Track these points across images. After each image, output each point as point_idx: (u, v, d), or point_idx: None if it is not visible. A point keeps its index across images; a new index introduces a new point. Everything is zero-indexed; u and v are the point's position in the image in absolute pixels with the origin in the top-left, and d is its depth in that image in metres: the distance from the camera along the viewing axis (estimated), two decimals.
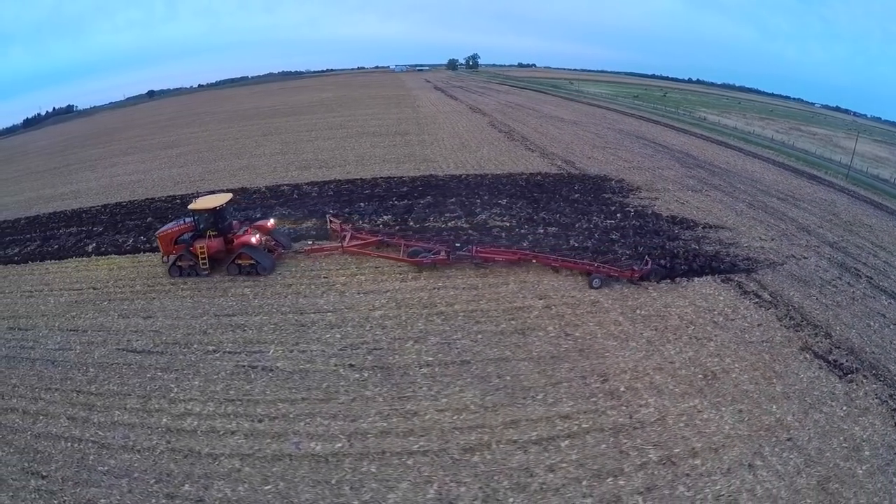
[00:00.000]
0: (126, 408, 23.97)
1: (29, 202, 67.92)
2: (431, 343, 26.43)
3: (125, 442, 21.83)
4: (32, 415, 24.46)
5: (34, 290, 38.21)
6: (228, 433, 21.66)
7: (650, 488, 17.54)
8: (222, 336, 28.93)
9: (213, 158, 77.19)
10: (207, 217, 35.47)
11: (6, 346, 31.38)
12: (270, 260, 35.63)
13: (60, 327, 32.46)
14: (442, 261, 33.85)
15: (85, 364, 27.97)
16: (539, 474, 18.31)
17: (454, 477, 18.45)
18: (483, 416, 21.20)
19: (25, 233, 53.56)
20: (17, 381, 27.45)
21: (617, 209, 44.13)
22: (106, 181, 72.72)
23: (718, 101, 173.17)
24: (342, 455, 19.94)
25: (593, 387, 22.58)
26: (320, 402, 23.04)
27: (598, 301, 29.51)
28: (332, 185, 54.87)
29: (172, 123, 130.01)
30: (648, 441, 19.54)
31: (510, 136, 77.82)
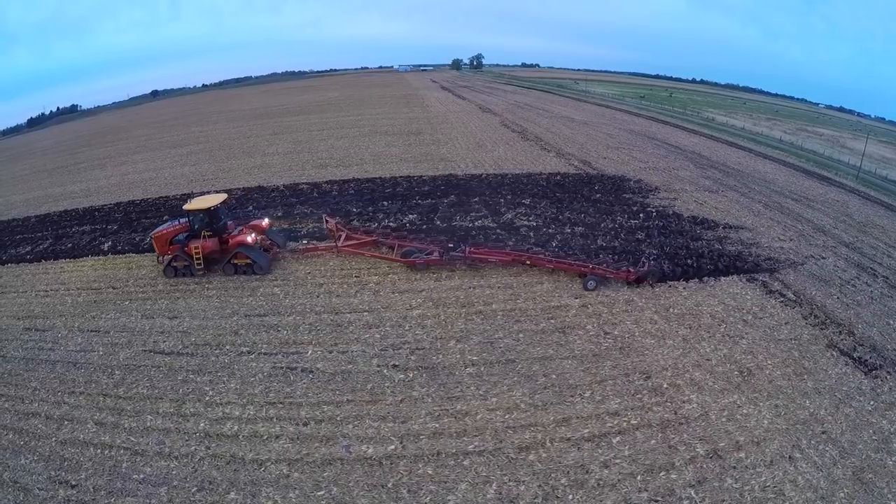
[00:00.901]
0: (158, 412, 23.35)
1: (38, 200, 67.81)
2: (474, 342, 26.18)
3: (160, 448, 21.19)
4: (56, 420, 23.77)
5: (49, 290, 37.89)
6: (273, 437, 21.16)
7: (701, 481, 17.83)
8: (255, 337, 28.42)
9: (224, 157, 77.09)
10: (202, 217, 35.60)
11: (23, 348, 30.75)
12: (266, 259, 35.89)
13: (80, 328, 31.89)
14: (435, 261, 33.93)
15: (110, 366, 27.35)
16: (595, 471, 18.37)
17: (512, 476, 18.37)
18: (534, 415, 21.13)
19: (36, 231, 53.36)
20: (37, 384, 26.81)
21: (639, 209, 44.22)
22: (116, 179, 72.64)
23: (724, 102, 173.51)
24: (396, 458, 19.60)
25: (637, 384, 22.70)
26: (367, 403, 22.65)
27: (633, 300, 29.59)
28: (353, 184, 54.72)
29: (179, 123, 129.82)
30: (694, 436, 19.79)
31: (523, 135, 77.88)
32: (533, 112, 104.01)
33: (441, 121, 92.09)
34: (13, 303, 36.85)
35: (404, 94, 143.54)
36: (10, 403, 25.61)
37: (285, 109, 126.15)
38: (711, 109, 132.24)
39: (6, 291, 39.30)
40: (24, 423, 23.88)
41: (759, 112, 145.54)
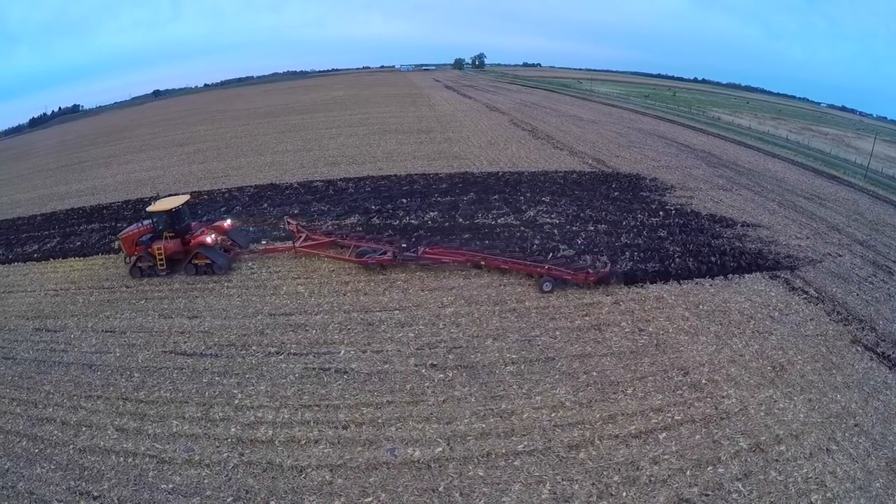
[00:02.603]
0: (184, 417, 22.59)
1: (43, 199, 67.76)
2: (511, 340, 25.78)
3: (189, 455, 20.35)
4: (73, 426, 22.92)
5: (59, 289, 37.45)
6: (311, 442, 20.44)
7: (747, 474, 17.97)
8: (283, 336, 27.79)
9: (233, 155, 76.94)
10: (165, 219, 36.03)
11: (34, 349, 29.97)
12: (226, 259, 36.35)
13: (94, 328, 31.21)
14: (388, 261, 33.90)
15: (128, 368, 26.59)
16: (645, 467, 18.34)
17: (564, 475, 18.17)
18: (580, 413, 20.99)
19: (43, 229, 53.18)
20: (50, 387, 26.02)
21: (658, 207, 44.26)
22: (123, 178, 72.49)
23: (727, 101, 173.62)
24: (444, 460, 19.14)
25: (676, 380, 22.71)
26: (408, 404, 22.11)
27: (662, 297, 29.57)
28: (368, 182, 54.61)
29: (183, 122, 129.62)
30: (736, 430, 19.92)
31: (534, 134, 77.84)
32: (540, 111, 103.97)
33: (450, 119, 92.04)
34: (21, 302, 36.48)
35: (409, 94, 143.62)
36: (22, 408, 24.90)
37: (290, 108, 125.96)
38: (716, 109, 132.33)
39: (14, 291, 38.98)
40: (39, 430, 23.11)
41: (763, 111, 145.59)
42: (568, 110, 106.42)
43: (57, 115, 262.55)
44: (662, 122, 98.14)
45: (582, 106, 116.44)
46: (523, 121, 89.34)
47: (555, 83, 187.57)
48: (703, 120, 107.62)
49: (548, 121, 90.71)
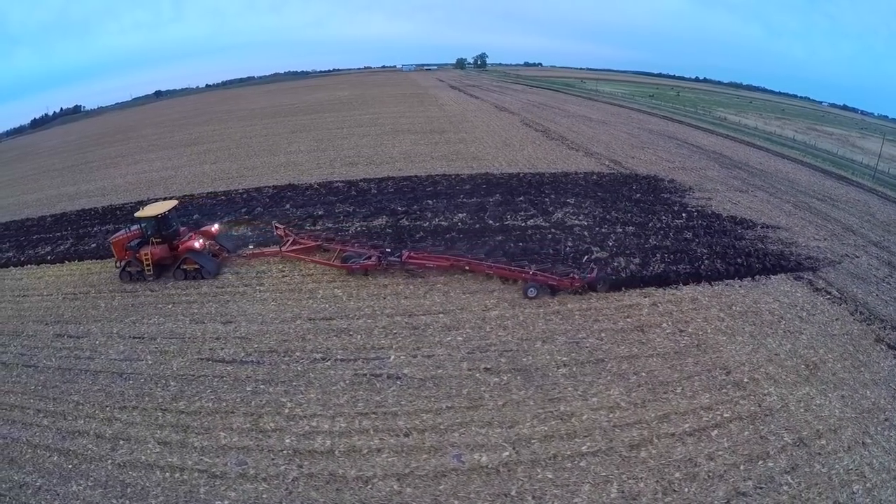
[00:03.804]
0: (232, 428, 21.92)
1: (51, 200, 67.78)
2: (560, 343, 25.93)
3: (243, 469, 19.75)
4: (109, 439, 22.15)
5: (78, 293, 37.01)
6: (374, 451, 20.06)
7: (794, 468, 18.65)
8: (326, 342, 27.35)
9: (245, 155, 77.07)
10: (153, 224, 36.37)
11: (56, 356, 29.28)
12: (214, 264, 36.88)
13: (120, 334, 30.63)
14: (372, 266, 34.04)
15: (163, 377, 25.95)
16: (703, 463, 18.85)
17: (629, 474, 18.53)
18: (635, 413, 21.33)
19: (55, 231, 52.99)
20: (79, 397, 25.28)
21: (680, 209, 44.66)
22: (133, 178, 72.56)
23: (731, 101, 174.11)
24: (513, 464, 19.07)
25: (720, 379, 23.22)
26: (468, 409, 21.93)
27: (696, 298, 30.06)
28: (390, 182, 54.65)
29: (188, 122, 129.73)
30: (780, 426, 20.57)
31: (547, 134, 78.02)
32: (549, 111, 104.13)
33: (461, 120, 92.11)
34: (39, 307, 36.05)
35: (415, 93, 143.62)
36: (49, 420, 24.20)
37: (297, 108, 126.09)
38: (721, 109, 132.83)
39: (29, 294, 38.64)
40: (70, 444, 22.31)
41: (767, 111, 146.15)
42: (576, 111, 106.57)
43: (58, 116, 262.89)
44: (670, 122, 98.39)
45: (589, 106, 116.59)
46: (534, 121, 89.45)
47: (558, 83, 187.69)
48: (710, 120, 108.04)
49: (558, 121, 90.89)
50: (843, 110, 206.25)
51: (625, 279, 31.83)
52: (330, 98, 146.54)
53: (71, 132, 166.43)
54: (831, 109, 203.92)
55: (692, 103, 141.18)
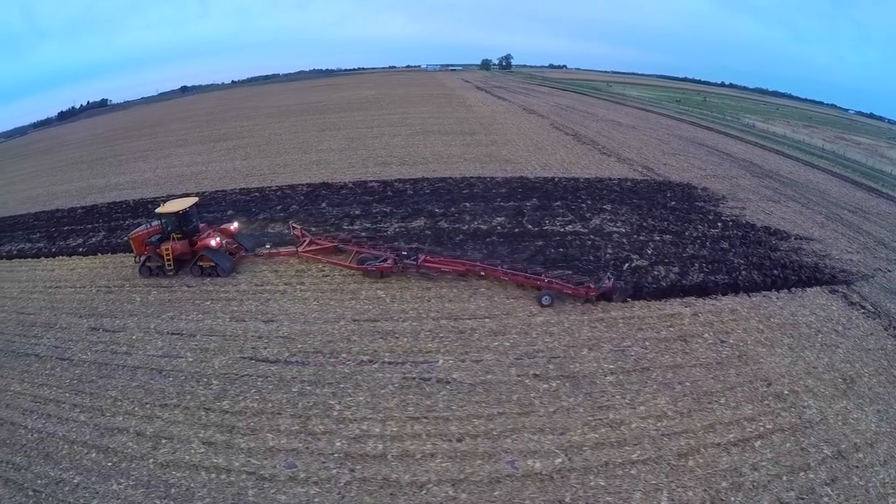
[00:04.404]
0: (280, 430, 21.80)
1: (81, 191, 68.57)
2: (606, 350, 26.07)
3: (293, 472, 19.65)
4: (150, 437, 22.06)
5: (112, 286, 37.28)
6: (427, 456, 20.04)
7: (833, 480, 19.07)
8: (372, 344, 27.27)
9: (275, 152, 77.24)
10: (173, 220, 37.11)
11: (92, 350, 29.38)
12: (230, 262, 37.30)
13: (158, 329, 30.65)
14: (387, 268, 34.14)
15: (204, 375, 25.88)
16: (747, 473, 19.23)
17: (678, 482, 18.88)
18: (682, 422, 21.64)
19: (86, 223, 53.59)
20: (116, 393, 25.24)
21: (715, 218, 44.69)
22: (163, 172, 73.06)
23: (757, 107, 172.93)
24: (566, 471, 19.23)
25: (761, 391, 23.53)
26: (519, 415, 21.92)
27: (736, 309, 30.27)
28: (426, 184, 54.58)
29: (215, 118, 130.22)
30: (819, 438, 20.97)
31: (578, 139, 77.77)
32: (578, 115, 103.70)
33: (490, 122, 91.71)
34: (72, 299, 36.44)
35: (442, 94, 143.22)
36: (86, 416, 24.17)
37: (325, 107, 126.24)
38: (749, 115, 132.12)
39: (62, 286, 39.02)
40: (109, 441, 22.26)
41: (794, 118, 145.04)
42: (605, 114, 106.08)
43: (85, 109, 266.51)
44: (699, 128, 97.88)
45: (617, 110, 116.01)
46: (564, 125, 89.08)
47: (584, 86, 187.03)
48: (739, 127, 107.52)
49: (588, 125, 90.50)
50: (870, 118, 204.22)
51: (665, 288, 32.10)
52: (357, 97, 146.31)
53: (98, 125, 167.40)
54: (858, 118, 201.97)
55: (719, 109, 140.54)
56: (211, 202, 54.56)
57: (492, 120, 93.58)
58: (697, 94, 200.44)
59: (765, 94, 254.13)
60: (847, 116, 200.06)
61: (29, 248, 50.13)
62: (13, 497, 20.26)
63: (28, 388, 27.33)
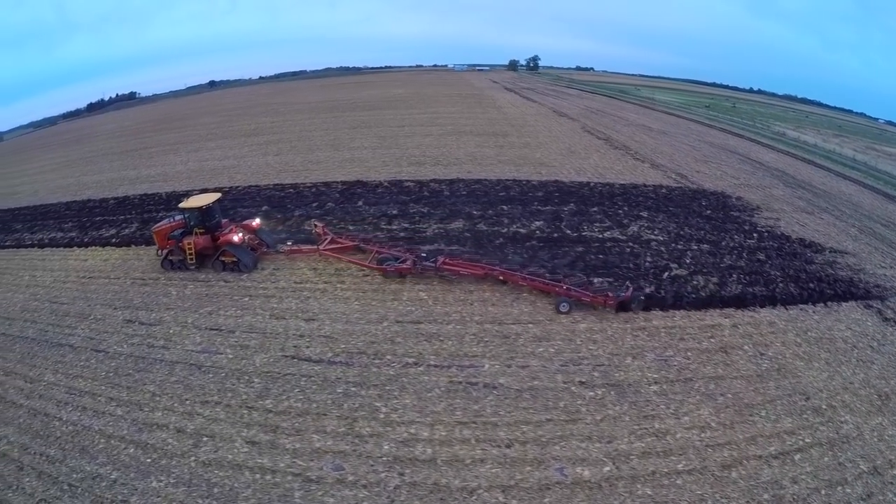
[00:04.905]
0: (326, 431, 21.69)
1: (112, 183, 69.86)
2: (649, 360, 26.14)
3: (340, 475, 19.56)
4: (191, 435, 22.07)
5: (147, 278, 37.81)
6: (477, 462, 19.98)
7: (869, 495, 19.35)
8: (417, 346, 27.27)
9: (308, 148, 77.72)
10: (196, 215, 37.76)
11: (128, 343, 29.56)
12: (252, 258, 38.13)
13: (196, 324, 30.78)
14: (406, 269, 34.40)
15: (246, 373, 25.85)
16: (787, 486, 19.47)
17: (721, 493, 19.11)
18: (725, 433, 21.85)
19: (118, 214, 54.48)
20: (154, 388, 25.32)
21: (750, 228, 44.62)
22: (195, 165, 73.99)
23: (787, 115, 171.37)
24: (614, 479, 19.27)
25: (800, 405, 23.72)
26: (566, 423, 21.93)
27: (774, 322, 30.43)
28: (461, 185, 54.40)
29: (245, 112, 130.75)
30: (856, 454, 21.16)
31: (610, 143, 77.44)
32: (608, 118, 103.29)
33: (521, 123, 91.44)
34: (106, 290, 36.99)
35: (471, 94, 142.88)
36: (123, 410, 24.25)
37: (354, 104, 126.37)
38: (779, 123, 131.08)
39: (95, 276, 39.69)
40: (148, 436, 22.25)
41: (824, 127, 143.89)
42: (635, 119, 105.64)
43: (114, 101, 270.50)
44: (730, 135, 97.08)
45: (647, 115, 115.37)
46: (595, 129, 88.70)
47: (612, 89, 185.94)
48: (769, 135, 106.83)
49: (619, 130, 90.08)
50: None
51: (705, 299, 32.34)
52: (386, 95, 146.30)
53: (127, 117, 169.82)
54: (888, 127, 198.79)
55: (749, 116, 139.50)
56: (245, 197, 55.32)
57: (523, 122, 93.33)
58: (726, 99, 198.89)
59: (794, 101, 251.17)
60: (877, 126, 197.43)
61: (61, 237, 51.30)
62: (47, 490, 20.40)
63: (62, 378, 27.74)
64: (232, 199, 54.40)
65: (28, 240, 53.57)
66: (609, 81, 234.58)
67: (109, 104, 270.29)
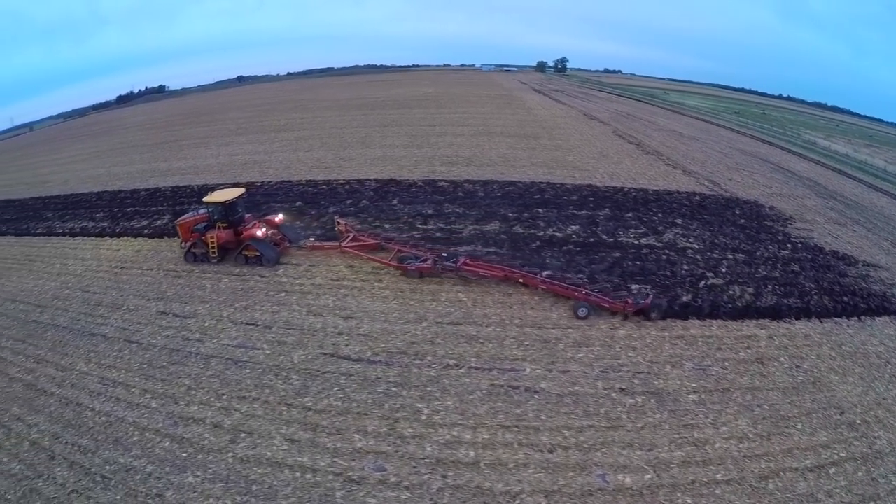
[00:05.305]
0: (367, 431, 21.73)
1: (143, 174, 71.19)
2: (688, 369, 26.24)
3: (382, 475, 19.58)
4: (229, 430, 22.13)
5: (180, 270, 38.46)
6: (520, 466, 20.03)
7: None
8: (457, 348, 27.34)
9: (338, 145, 78.44)
10: (220, 209, 38.91)
11: (162, 335, 29.89)
12: (275, 252, 38.88)
13: (231, 318, 30.96)
14: (426, 269, 34.75)
15: (284, 369, 25.95)
16: (822, 499, 19.73)
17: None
18: (762, 445, 22.05)
19: (149, 205, 55.55)
20: (190, 381, 25.48)
21: (784, 239, 44.54)
22: (225, 159, 74.93)
23: (817, 123, 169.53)
24: (655, 487, 19.39)
25: (835, 419, 23.89)
26: (608, 429, 22.01)
27: (809, 335, 30.58)
28: (496, 186, 54.51)
29: (274, 108, 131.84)
30: (889, 470, 21.34)
31: (642, 148, 77.25)
32: (639, 123, 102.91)
33: (552, 126, 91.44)
34: (139, 280, 37.76)
35: (500, 95, 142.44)
36: (158, 402, 24.39)
37: (383, 102, 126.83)
38: (809, 131, 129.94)
39: (127, 266, 40.54)
40: (184, 430, 22.36)
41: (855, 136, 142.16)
42: (666, 124, 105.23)
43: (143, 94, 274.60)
44: (761, 143, 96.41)
45: (677, 120, 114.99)
46: (626, 133, 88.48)
47: (641, 92, 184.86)
48: (800, 143, 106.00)
49: (650, 134, 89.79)
50: None
51: (741, 309, 32.48)
52: (414, 94, 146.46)
53: (156, 110, 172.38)
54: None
55: (779, 123, 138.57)
56: (277, 192, 56.12)
57: (553, 124, 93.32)
58: (755, 105, 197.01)
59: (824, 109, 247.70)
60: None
61: (92, 226, 52.57)
62: (79, 481, 20.56)
63: (95, 368, 28.23)
64: (265, 193, 55.73)
65: (59, 228, 54.81)
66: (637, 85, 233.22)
67: (138, 97, 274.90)
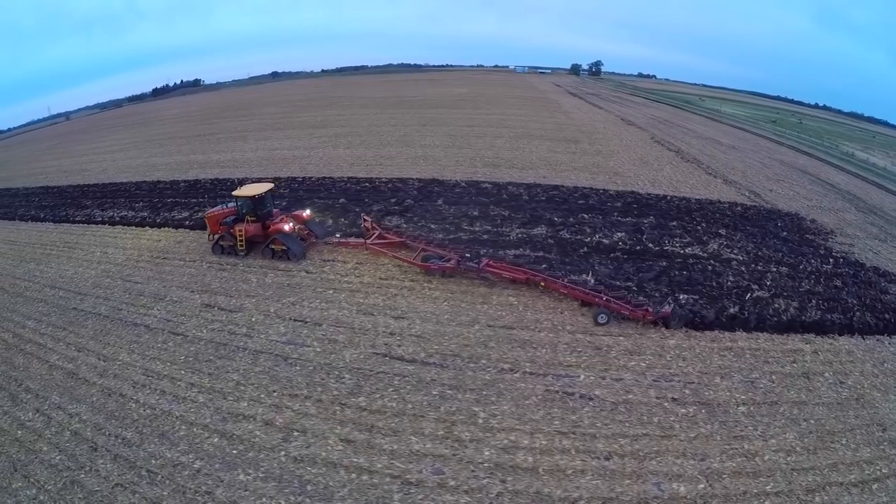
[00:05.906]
0: (424, 433, 21.71)
1: (181, 165, 73.07)
2: (737, 381, 26.18)
3: (440, 479, 19.52)
4: (280, 429, 22.08)
5: (224, 263, 39.01)
6: (577, 472, 20.01)
7: None
8: (511, 352, 27.29)
9: (378, 143, 79.50)
10: (249, 203, 39.85)
11: (208, 328, 29.95)
12: (301, 247, 39.89)
13: (279, 314, 30.98)
14: (449, 268, 35.02)
15: (335, 368, 25.91)
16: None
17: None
18: (809, 458, 22.32)
19: (190, 197, 56.75)
20: (238, 377, 25.40)
21: (826, 253, 44.45)
22: (264, 154, 76.32)
23: (854, 133, 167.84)
24: (708, 497, 19.46)
25: (877, 435, 24.14)
26: (661, 438, 22.04)
27: (852, 351, 30.78)
28: (539, 190, 54.59)
29: (310, 104, 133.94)
30: None
31: (682, 156, 77.17)
32: (676, 129, 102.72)
33: (591, 130, 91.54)
34: (181, 272, 38.46)
35: (536, 97, 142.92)
36: (205, 396, 24.38)
37: (420, 101, 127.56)
38: (847, 143, 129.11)
39: (169, 257, 41.44)
40: (234, 427, 22.31)
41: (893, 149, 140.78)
42: (703, 131, 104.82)
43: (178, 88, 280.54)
44: (799, 154, 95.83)
45: (715, 128, 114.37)
46: (665, 139, 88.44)
47: (677, 98, 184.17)
48: (838, 155, 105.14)
49: (689, 142, 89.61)
50: None
51: (786, 322, 32.86)
52: (450, 94, 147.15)
53: (191, 103, 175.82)
54: None
55: (817, 133, 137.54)
56: (320, 188, 57.37)
57: (591, 129, 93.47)
58: (792, 114, 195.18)
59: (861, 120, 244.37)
60: None
61: (132, 216, 54.10)
62: (123, 474, 20.59)
63: (138, 359, 28.44)
64: (307, 189, 57.20)
65: (98, 216, 56.34)
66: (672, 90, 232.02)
67: (174, 90, 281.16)
